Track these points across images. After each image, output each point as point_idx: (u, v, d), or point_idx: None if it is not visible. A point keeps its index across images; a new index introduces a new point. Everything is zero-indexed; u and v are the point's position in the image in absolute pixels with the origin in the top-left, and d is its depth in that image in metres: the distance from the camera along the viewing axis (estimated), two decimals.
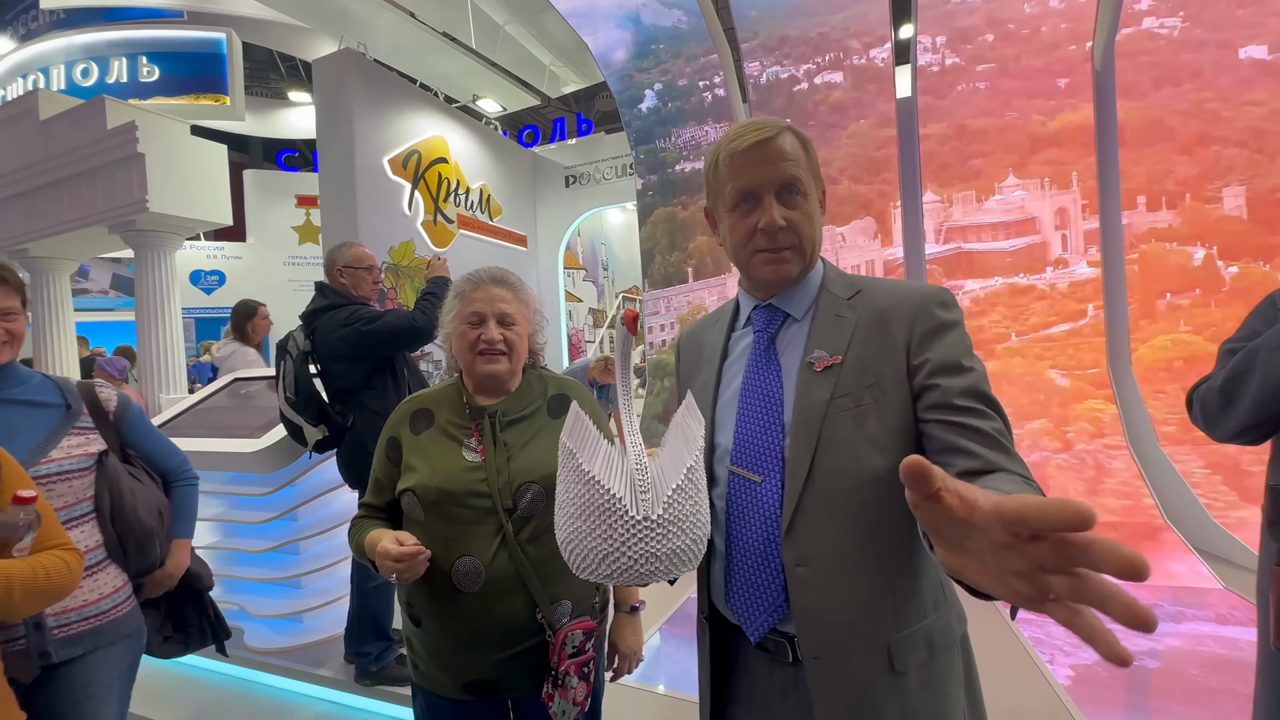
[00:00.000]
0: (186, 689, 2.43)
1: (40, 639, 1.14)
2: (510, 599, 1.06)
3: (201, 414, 3.07)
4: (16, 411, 1.21)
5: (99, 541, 1.27)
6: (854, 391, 0.74)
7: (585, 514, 0.70)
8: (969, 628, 0.84)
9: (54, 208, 5.59)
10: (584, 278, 9.04)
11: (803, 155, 0.78)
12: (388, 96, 5.19)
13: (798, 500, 0.74)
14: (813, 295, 0.83)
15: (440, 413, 1.18)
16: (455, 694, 1.11)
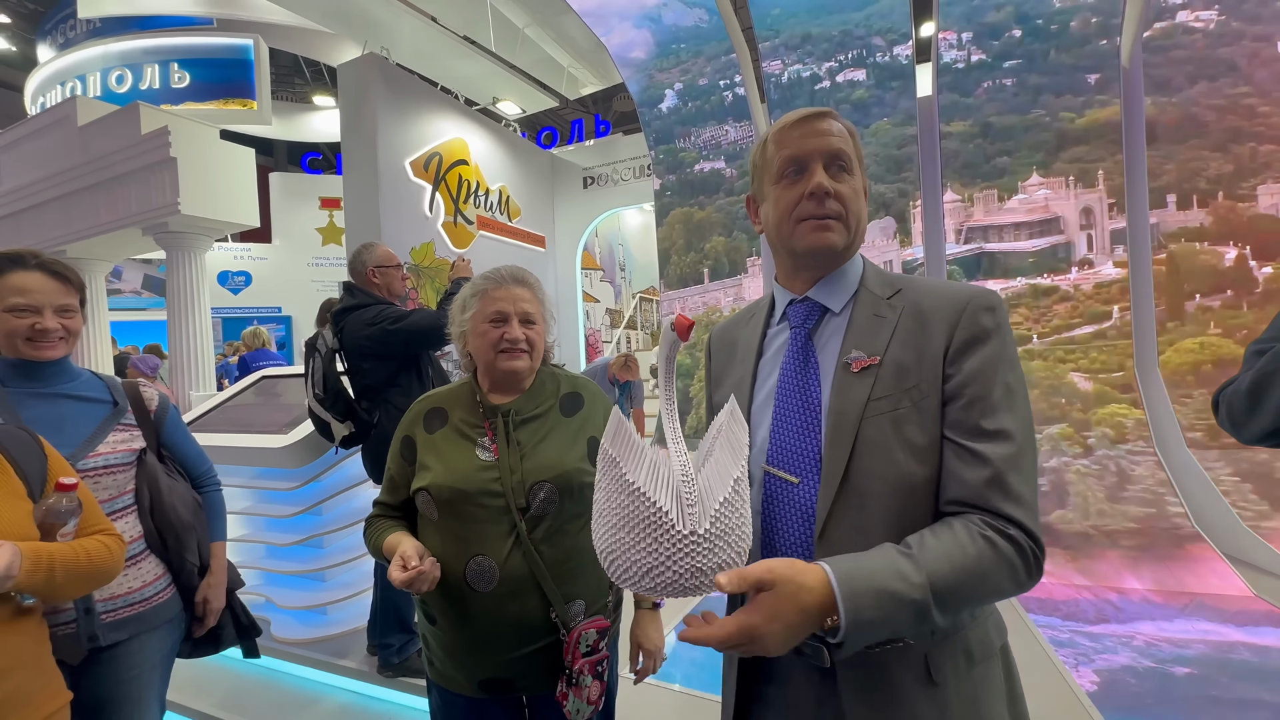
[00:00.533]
0: (214, 677, 2.50)
1: (89, 623, 1.20)
2: (524, 598, 1.07)
3: (230, 410, 3.16)
4: (68, 405, 1.27)
5: (140, 533, 1.33)
6: (892, 394, 0.72)
7: (629, 526, 0.67)
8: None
9: (91, 210, 5.79)
10: (601, 278, 9.08)
11: (849, 138, 0.79)
12: (409, 100, 5.28)
13: (832, 503, 0.72)
14: (851, 289, 0.81)
15: (454, 412, 1.19)
16: (471, 691, 1.12)
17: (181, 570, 1.38)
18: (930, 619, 0.61)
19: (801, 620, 0.58)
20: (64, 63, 8.57)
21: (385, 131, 4.97)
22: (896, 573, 0.61)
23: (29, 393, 1.24)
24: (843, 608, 0.58)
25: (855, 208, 0.78)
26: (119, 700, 1.25)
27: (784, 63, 4.56)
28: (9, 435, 1.02)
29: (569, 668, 1.06)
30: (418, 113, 5.36)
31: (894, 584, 0.60)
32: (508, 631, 1.08)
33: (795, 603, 0.58)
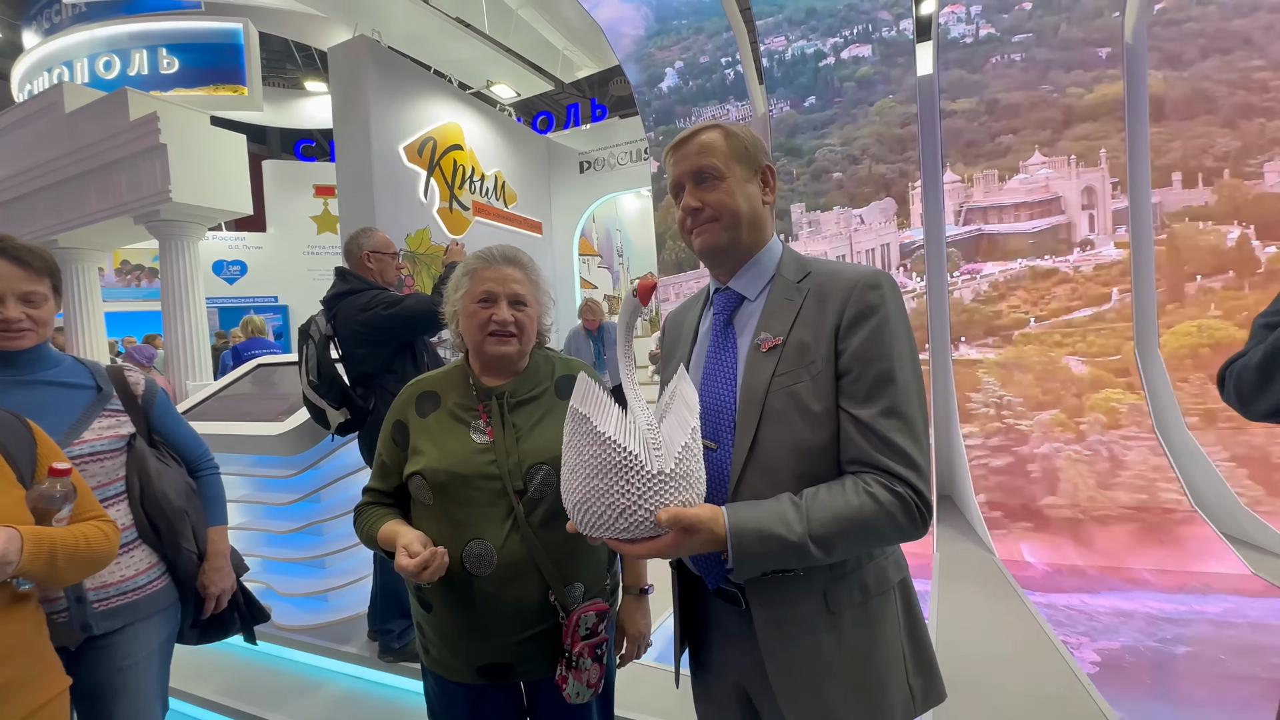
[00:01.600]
0: (216, 663, 2.51)
1: (81, 612, 1.18)
2: (523, 582, 1.06)
3: (226, 399, 3.13)
4: (49, 392, 1.24)
5: (131, 522, 1.31)
6: (794, 369, 0.82)
7: (601, 473, 0.75)
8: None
9: (81, 199, 5.72)
10: (599, 264, 9.03)
11: (722, 145, 0.89)
12: (402, 83, 5.20)
13: (743, 467, 0.83)
14: (767, 278, 0.91)
15: (447, 395, 1.16)
16: (469, 678, 1.10)
17: (178, 558, 1.35)
18: (810, 556, 0.75)
19: (702, 548, 0.76)
20: (50, 49, 8.43)
21: (378, 116, 4.90)
22: (781, 519, 0.76)
23: (7, 380, 1.21)
24: (730, 545, 0.75)
25: (730, 206, 0.89)
26: (116, 689, 1.24)
27: (788, 39, 4.48)
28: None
29: (568, 651, 1.05)
30: (411, 97, 5.28)
31: (776, 528, 0.75)
32: (507, 616, 1.06)
33: (698, 539, 0.75)
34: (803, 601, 0.84)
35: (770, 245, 0.93)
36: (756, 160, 0.91)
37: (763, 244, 0.92)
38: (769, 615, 0.85)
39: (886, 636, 0.85)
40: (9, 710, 0.89)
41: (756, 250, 0.92)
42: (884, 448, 0.77)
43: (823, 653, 0.83)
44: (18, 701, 0.90)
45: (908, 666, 0.86)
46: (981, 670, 2.12)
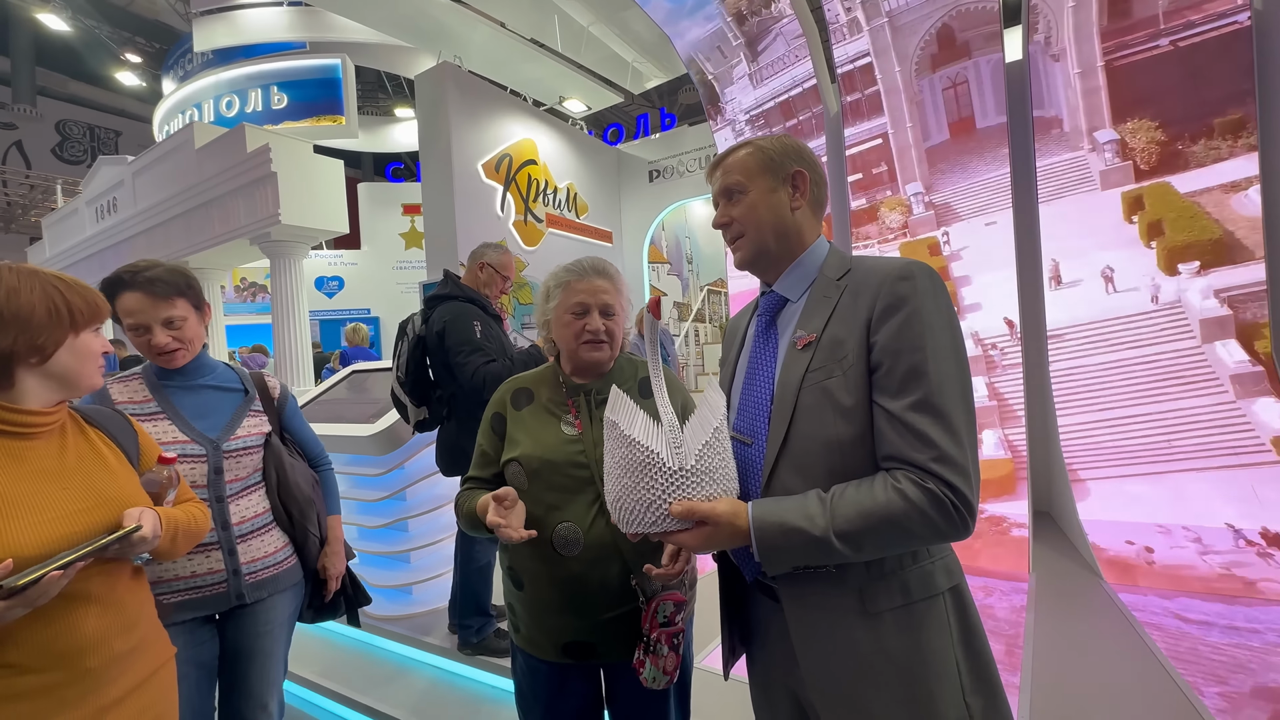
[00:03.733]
0: (315, 648, 2.72)
1: (238, 583, 1.36)
2: (607, 564, 1.12)
3: (325, 403, 3.40)
4: (210, 395, 1.42)
5: (268, 508, 1.46)
6: (826, 365, 0.83)
7: (629, 471, 0.83)
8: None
9: (207, 224, 6.41)
10: (668, 271, 9.08)
11: (747, 161, 0.94)
12: (481, 104, 5.48)
13: (775, 462, 0.85)
14: (810, 278, 0.93)
15: (540, 391, 1.26)
16: (554, 656, 1.16)
17: (305, 542, 1.50)
18: (836, 552, 0.75)
19: (727, 543, 0.80)
20: (183, 93, 9.55)
21: (459, 136, 5.19)
22: (804, 514, 0.77)
23: (178, 386, 1.39)
24: (754, 538, 0.78)
25: (753, 219, 0.93)
26: (255, 651, 1.40)
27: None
28: (105, 416, 1.11)
29: (646, 635, 1.10)
30: (489, 116, 5.55)
31: (799, 522, 0.77)
32: (592, 596, 1.13)
33: (724, 533, 0.79)
34: (835, 598, 0.83)
35: (813, 248, 0.94)
36: (784, 168, 0.93)
37: (802, 247, 0.94)
38: (800, 610, 0.85)
39: (934, 646, 0.81)
40: (144, 663, 1.01)
41: (795, 254, 0.94)
42: (915, 441, 0.75)
43: (859, 654, 0.81)
44: (145, 661, 1.02)
45: (963, 682, 0.81)
46: (1085, 709, 1.93)
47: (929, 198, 4.01)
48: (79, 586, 0.91)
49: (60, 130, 15.39)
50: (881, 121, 4.23)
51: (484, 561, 2.32)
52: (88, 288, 1.01)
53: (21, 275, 0.93)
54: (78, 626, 0.91)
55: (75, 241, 8.69)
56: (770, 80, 4.96)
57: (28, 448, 0.94)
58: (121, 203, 7.69)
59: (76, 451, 1.00)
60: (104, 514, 0.92)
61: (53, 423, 0.97)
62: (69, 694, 0.90)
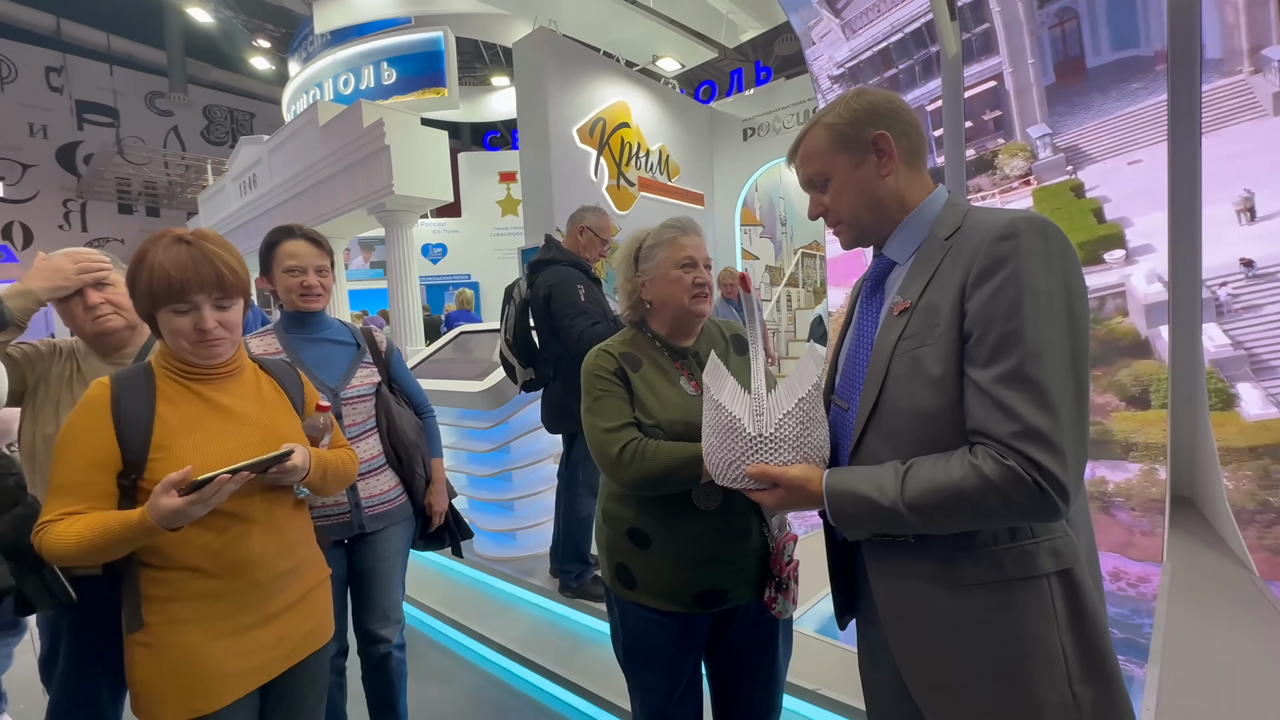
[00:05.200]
0: (433, 580, 3.03)
1: (359, 515, 1.58)
2: (743, 516, 1.18)
3: (435, 362, 3.68)
4: (328, 348, 1.61)
5: (380, 451, 1.65)
6: (919, 333, 0.80)
7: (716, 432, 0.91)
8: None
9: (330, 196, 6.99)
10: (761, 234, 8.81)
11: (821, 144, 0.90)
12: (576, 69, 5.50)
13: (863, 429, 0.85)
14: (918, 240, 0.88)
15: (644, 356, 1.26)
16: (685, 606, 1.19)
17: (413, 480, 1.69)
18: (906, 523, 0.76)
19: (802, 506, 0.86)
20: (307, 74, 10.32)
21: (555, 102, 5.25)
22: (876, 484, 0.78)
23: (303, 338, 1.59)
24: (826, 504, 0.82)
25: (843, 207, 0.91)
26: (377, 574, 1.62)
27: None
28: (278, 366, 1.28)
29: (778, 575, 1.17)
30: (583, 81, 5.57)
31: (869, 491, 0.78)
32: (728, 546, 1.18)
33: (798, 495, 0.85)
34: (917, 568, 0.83)
35: (924, 205, 0.88)
36: (861, 137, 0.87)
37: (906, 210, 0.89)
38: (883, 575, 0.87)
39: (1033, 630, 0.76)
40: (303, 581, 1.19)
41: (899, 220, 0.89)
42: (998, 414, 0.72)
43: (943, 623, 0.81)
44: (308, 576, 1.20)
45: (1070, 670, 0.76)
46: (1223, 711, 1.76)
47: (1056, 140, 3.59)
48: (247, 511, 1.08)
49: (206, 114, 17.20)
50: (995, 62, 3.81)
51: (585, 514, 2.45)
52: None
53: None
54: (245, 544, 1.08)
55: (224, 215, 9.79)
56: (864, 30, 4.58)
57: (217, 388, 1.12)
58: (260, 179, 8.55)
59: (256, 395, 1.17)
60: (270, 448, 1.07)
61: (224, 370, 1.13)
62: (245, 599, 1.08)
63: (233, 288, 1.08)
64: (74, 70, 15.18)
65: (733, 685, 1.30)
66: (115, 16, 14.27)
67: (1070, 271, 0.74)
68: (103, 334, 1.41)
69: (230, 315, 1.10)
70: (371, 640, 1.64)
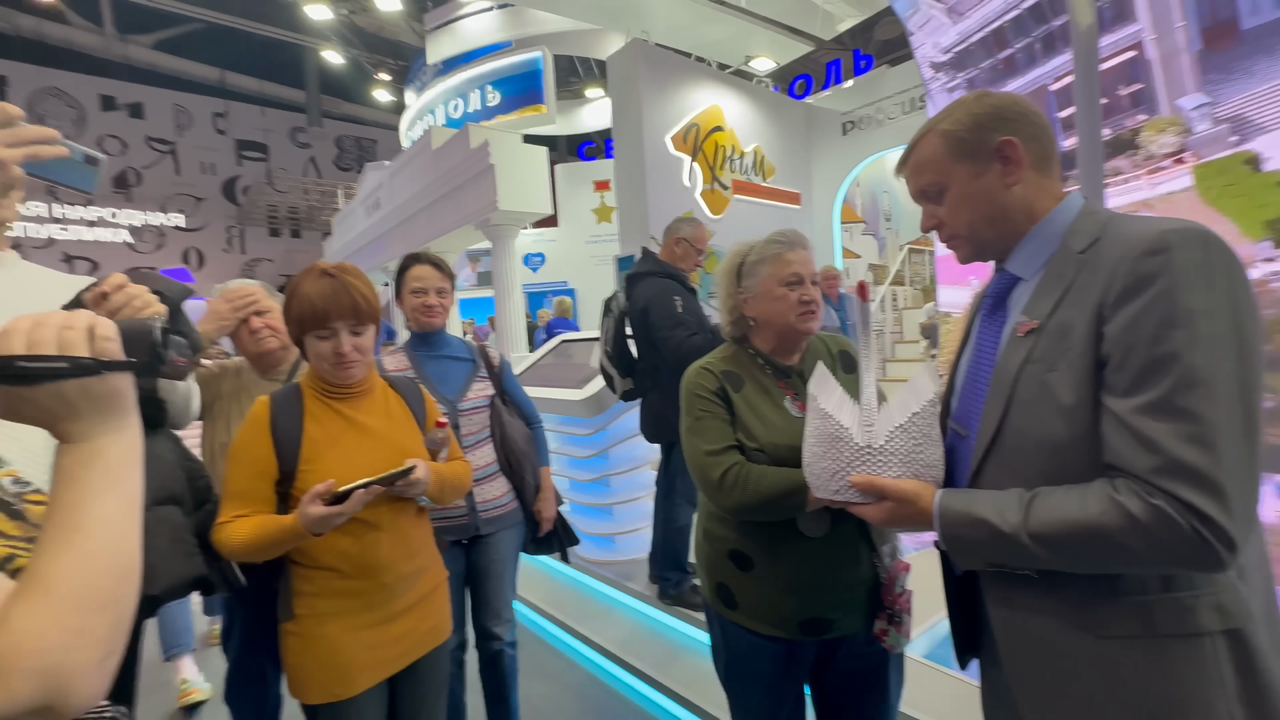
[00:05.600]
0: (539, 580, 3.18)
1: (475, 518, 1.70)
2: (852, 544, 1.13)
3: (538, 369, 3.86)
4: (449, 364, 1.76)
5: (494, 459, 1.76)
6: (1048, 357, 0.73)
7: (822, 441, 0.88)
8: None
9: (442, 215, 7.53)
10: (863, 231, 8.40)
11: (936, 153, 0.84)
12: (669, 76, 5.55)
13: (982, 458, 0.79)
14: (1047, 253, 0.80)
15: (746, 374, 1.21)
16: (790, 633, 1.15)
17: (523, 487, 1.79)
18: (1029, 554, 0.69)
19: (910, 524, 0.80)
20: (422, 102, 11.21)
21: (649, 111, 5.33)
22: (996, 509, 0.72)
23: (426, 355, 1.74)
24: (937, 524, 0.76)
25: (961, 221, 0.84)
26: (492, 573, 1.74)
27: None
28: (404, 384, 1.39)
29: (889, 607, 1.12)
30: (676, 88, 5.60)
31: (987, 514, 0.72)
32: (835, 574, 1.13)
33: (905, 512, 0.80)
34: (1046, 610, 0.75)
35: (1054, 214, 0.80)
36: (985, 144, 0.80)
37: (1034, 220, 0.81)
38: (1007, 614, 0.79)
39: (1194, 696, 0.66)
40: (424, 583, 1.29)
41: (1025, 232, 0.82)
42: (1137, 447, 0.64)
43: (1080, 678, 0.71)
44: (428, 579, 1.31)
45: None
46: None
47: (1217, 110, 3.11)
48: (376, 519, 1.19)
49: (338, 144, 19.18)
50: (1133, 29, 3.37)
51: (683, 523, 2.47)
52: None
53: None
54: (375, 549, 1.19)
55: (353, 235, 10.87)
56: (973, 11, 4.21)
57: (353, 406, 1.25)
58: (383, 201, 9.40)
59: (385, 412, 1.30)
60: (396, 461, 1.18)
61: (358, 390, 1.26)
62: (372, 599, 1.20)
63: (366, 315, 1.20)
64: (234, 114, 17.52)
65: (840, 718, 1.25)
66: (266, 64, 16.27)
67: (1237, 287, 0.65)
68: (263, 354, 1.62)
69: (363, 340, 1.22)
70: (487, 637, 1.76)
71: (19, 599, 0.48)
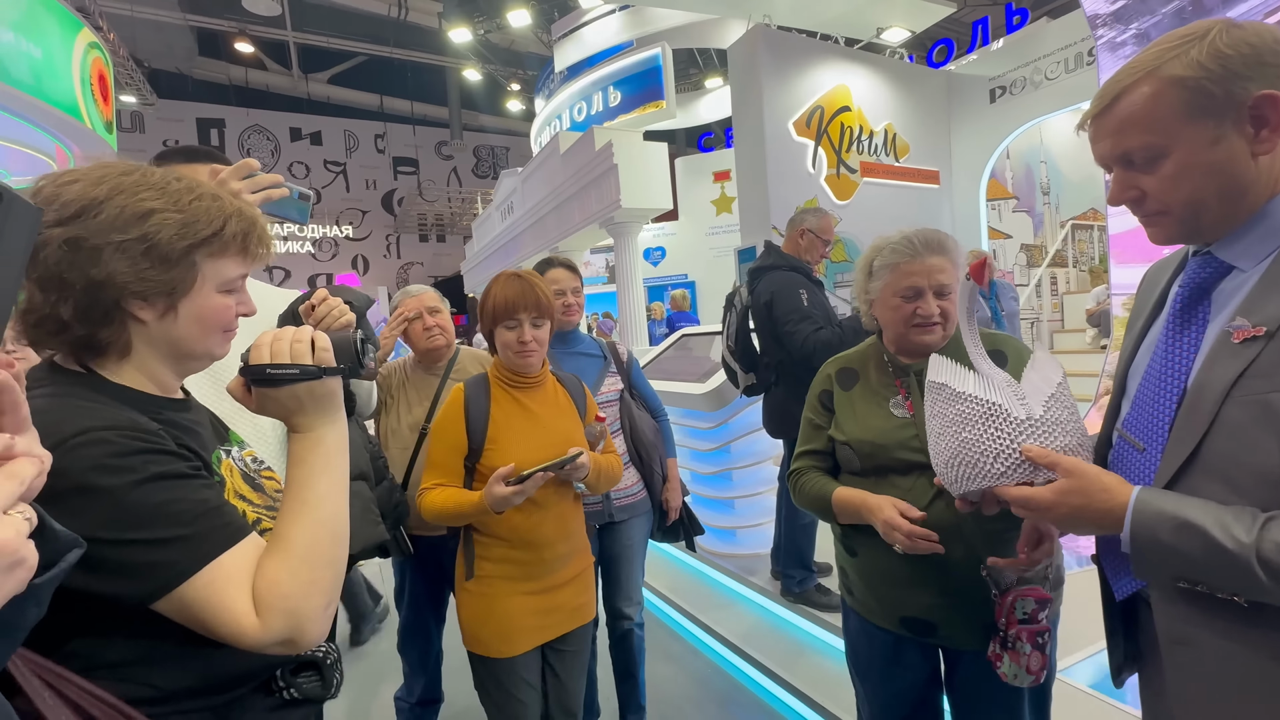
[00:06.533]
0: (663, 568, 3.28)
1: (609, 505, 1.83)
2: (950, 546, 1.07)
3: (661, 362, 3.96)
4: (583, 360, 1.89)
5: (624, 450, 1.86)
6: (1274, 373, 0.61)
7: (970, 425, 0.80)
8: None
9: (570, 215, 7.93)
10: (1014, 208, 7.55)
11: (1159, 108, 0.65)
12: (791, 60, 5.36)
13: (1172, 479, 0.67)
14: (1275, 243, 0.65)
15: (867, 371, 1.25)
16: (891, 626, 1.19)
17: (651, 477, 1.88)
18: (1254, 579, 0.58)
19: (1087, 513, 0.68)
20: (550, 108, 11.83)
21: (770, 98, 5.20)
22: (1218, 519, 0.60)
23: (563, 352, 1.88)
24: (1129, 519, 0.64)
25: (1179, 195, 0.67)
26: (624, 558, 1.85)
27: None
28: (569, 380, 1.56)
29: (1002, 630, 1.04)
30: (799, 71, 5.40)
31: (1207, 524, 0.60)
32: (930, 577, 1.11)
33: (1087, 497, 0.67)
34: (1241, 654, 0.63)
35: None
36: (1235, 98, 0.62)
37: (1266, 197, 0.66)
38: (1183, 655, 0.67)
39: None
40: (577, 562, 1.44)
41: (1254, 209, 0.66)
42: None
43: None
44: (580, 559, 1.45)
45: None
46: None
47: None
48: (543, 500, 1.33)
49: (475, 154, 20.84)
50: None
51: (807, 519, 2.43)
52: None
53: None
54: (541, 527, 1.35)
55: (490, 238, 11.80)
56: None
57: (529, 395, 1.42)
58: (516, 205, 10.09)
59: (555, 403, 1.46)
60: (564, 450, 1.32)
61: (534, 381, 1.43)
62: (534, 570, 1.36)
63: (546, 309, 1.38)
64: (391, 135, 19.72)
65: None
66: (416, 86, 18.09)
67: None
68: (431, 349, 1.85)
69: (541, 333, 1.38)
70: (617, 615, 1.88)
71: (269, 555, 0.64)
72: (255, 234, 0.73)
